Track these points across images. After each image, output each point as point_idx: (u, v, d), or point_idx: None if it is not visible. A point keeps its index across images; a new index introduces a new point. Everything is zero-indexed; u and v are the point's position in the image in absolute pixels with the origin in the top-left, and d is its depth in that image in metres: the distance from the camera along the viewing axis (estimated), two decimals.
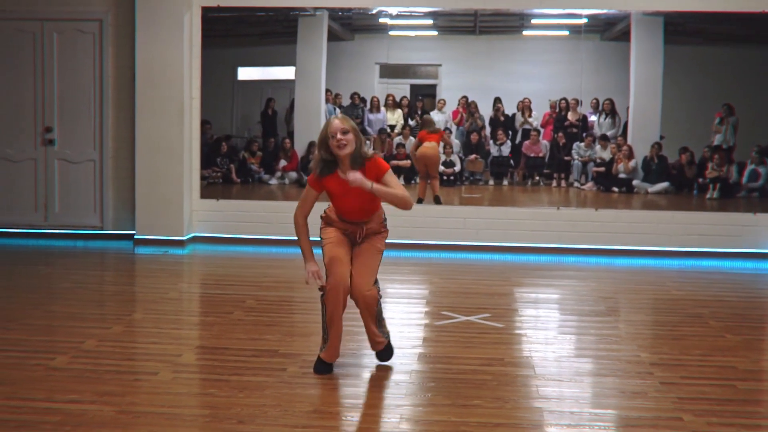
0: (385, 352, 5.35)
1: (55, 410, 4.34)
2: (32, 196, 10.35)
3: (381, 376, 5.08)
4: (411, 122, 11.22)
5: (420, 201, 10.36)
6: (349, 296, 5.06)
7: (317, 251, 5.03)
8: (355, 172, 4.86)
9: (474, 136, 11.08)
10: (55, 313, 6.64)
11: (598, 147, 10.88)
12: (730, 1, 9.69)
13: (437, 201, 10.36)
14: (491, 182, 11.21)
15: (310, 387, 4.88)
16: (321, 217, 5.24)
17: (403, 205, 4.97)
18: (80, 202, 10.31)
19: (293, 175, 10.93)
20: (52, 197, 10.32)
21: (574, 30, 10.60)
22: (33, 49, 10.20)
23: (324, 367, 5.13)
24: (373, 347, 5.32)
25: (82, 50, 10.15)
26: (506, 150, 11.15)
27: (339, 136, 4.92)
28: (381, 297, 5.19)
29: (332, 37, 10.92)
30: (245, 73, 11.57)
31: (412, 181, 10.88)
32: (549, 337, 6.20)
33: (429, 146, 10.51)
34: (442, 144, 10.80)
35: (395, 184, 4.99)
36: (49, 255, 9.53)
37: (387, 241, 5.42)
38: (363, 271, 5.05)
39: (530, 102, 11.16)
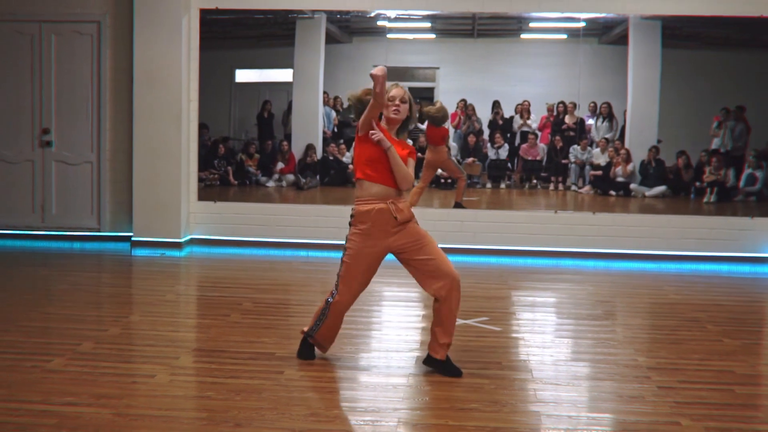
0: (446, 364, 5.20)
1: (52, 413, 4.33)
2: (29, 197, 10.34)
3: (378, 380, 5.07)
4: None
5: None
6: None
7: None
8: (379, 133, 4.96)
9: (471, 139, 11.07)
10: (52, 315, 6.63)
11: (596, 150, 10.87)
12: (727, 5, 9.71)
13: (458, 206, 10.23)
14: (489, 185, 11.21)
15: (307, 390, 4.87)
16: (351, 216, 5.10)
17: (405, 182, 5.06)
18: (77, 203, 10.30)
19: (290, 177, 10.92)
20: (49, 199, 10.31)
21: (573, 33, 10.60)
22: (31, 51, 10.19)
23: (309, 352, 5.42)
24: (436, 351, 5.18)
25: (80, 52, 10.14)
26: (504, 153, 11.15)
27: (398, 102, 5.08)
28: None
29: (330, 39, 10.92)
30: (243, 76, 11.56)
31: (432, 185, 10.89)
32: (546, 340, 6.19)
33: (433, 150, 9.87)
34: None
35: (409, 166, 5.13)
36: (46, 257, 9.52)
37: None
38: (443, 260, 5.08)
39: (529, 105, 11.16)
